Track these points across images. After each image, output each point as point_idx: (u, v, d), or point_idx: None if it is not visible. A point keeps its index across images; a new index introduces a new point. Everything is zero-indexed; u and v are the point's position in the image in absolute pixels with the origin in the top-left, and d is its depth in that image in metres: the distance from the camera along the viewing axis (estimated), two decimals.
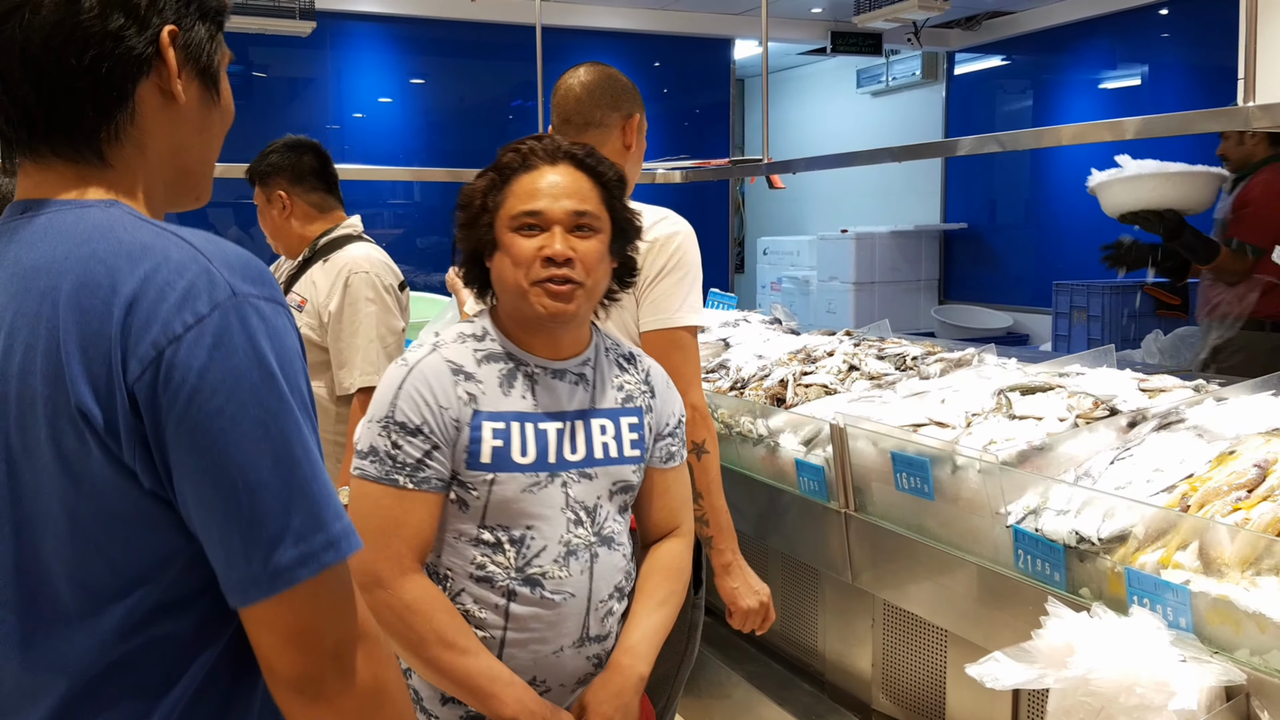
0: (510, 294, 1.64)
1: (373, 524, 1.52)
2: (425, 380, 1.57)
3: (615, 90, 2.30)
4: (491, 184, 1.65)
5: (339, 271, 2.72)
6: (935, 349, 3.49)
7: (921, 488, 2.50)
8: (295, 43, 6.15)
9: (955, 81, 7.76)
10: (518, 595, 1.59)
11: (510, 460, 1.58)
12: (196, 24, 1.03)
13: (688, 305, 2.15)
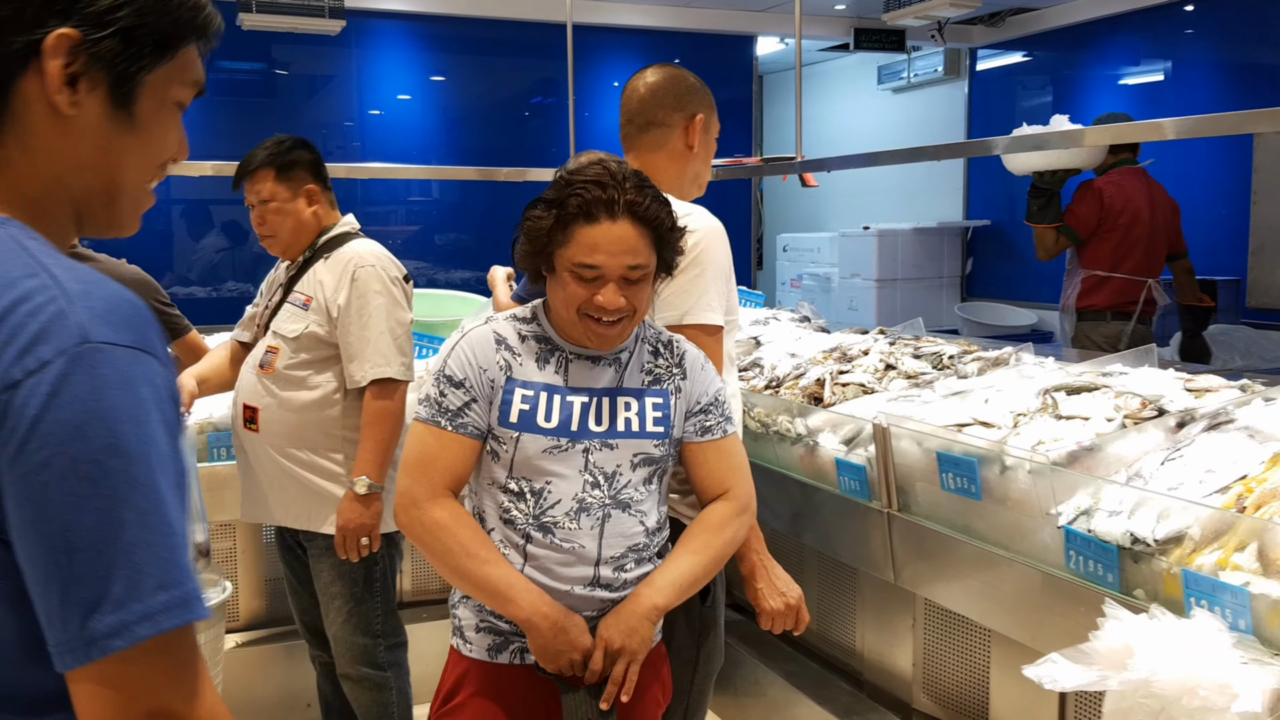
0: (562, 315, 1.85)
1: (414, 455, 1.83)
2: (472, 344, 1.85)
3: (679, 91, 2.32)
4: (555, 223, 1.79)
5: (344, 266, 2.70)
6: (971, 348, 3.48)
7: (968, 488, 2.49)
8: (318, 40, 6.16)
9: (978, 78, 7.74)
10: (533, 539, 1.82)
11: (534, 423, 1.82)
12: (113, 37, 0.94)
13: (703, 304, 2.14)
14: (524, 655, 1.84)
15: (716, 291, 2.15)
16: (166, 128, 1.03)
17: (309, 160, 2.78)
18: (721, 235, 2.22)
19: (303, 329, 2.69)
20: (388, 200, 7.40)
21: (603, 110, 7.50)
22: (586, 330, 1.81)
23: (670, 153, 2.34)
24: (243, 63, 6.72)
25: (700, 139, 2.33)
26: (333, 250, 2.76)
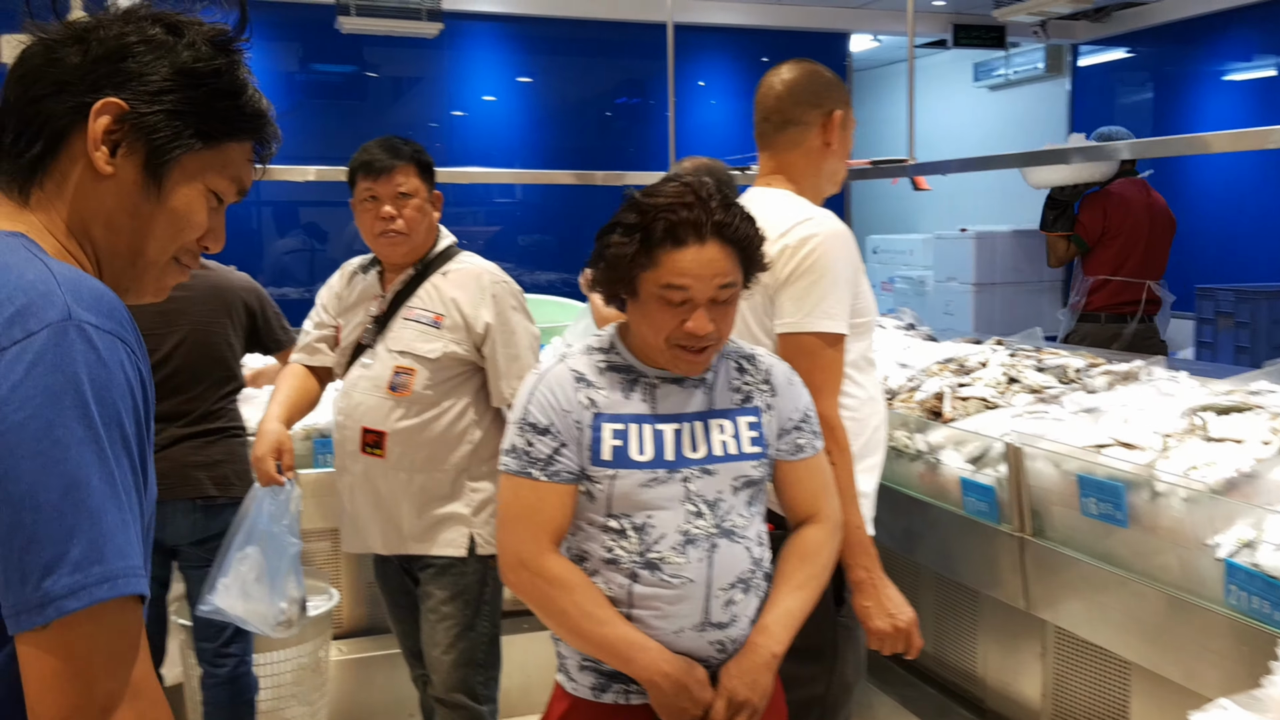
0: (648, 341, 1.77)
1: (512, 511, 1.77)
2: (551, 386, 1.78)
3: (816, 87, 2.25)
4: (639, 249, 1.72)
5: (477, 282, 2.59)
6: (1098, 360, 3.32)
7: (1114, 514, 2.36)
8: (411, 43, 6.16)
9: (1080, 74, 7.48)
10: (640, 577, 1.74)
11: (629, 458, 1.75)
12: (158, 114, 1.05)
13: (820, 311, 2.06)
14: (629, 696, 1.79)
15: (836, 298, 2.06)
16: (195, 209, 1.10)
17: (434, 168, 2.69)
18: (843, 238, 2.13)
19: (442, 349, 2.56)
20: (470, 201, 7.40)
21: (690, 110, 7.41)
22: (675, 358, 1.75)
23: (807, 151, 2.26)
24: (335, 65, 6.76)
25: (838, 136, 2.26)
26: (446, 264, 2.63)
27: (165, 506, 2.74)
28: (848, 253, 2.12)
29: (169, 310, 2.81)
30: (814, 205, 2.20)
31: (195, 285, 2.87)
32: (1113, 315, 4.88)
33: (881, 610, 2.09)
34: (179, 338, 2.81)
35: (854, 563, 2.09)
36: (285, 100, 6.69)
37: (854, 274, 2.13)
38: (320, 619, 3.17)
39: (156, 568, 2.83)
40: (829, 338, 2.06)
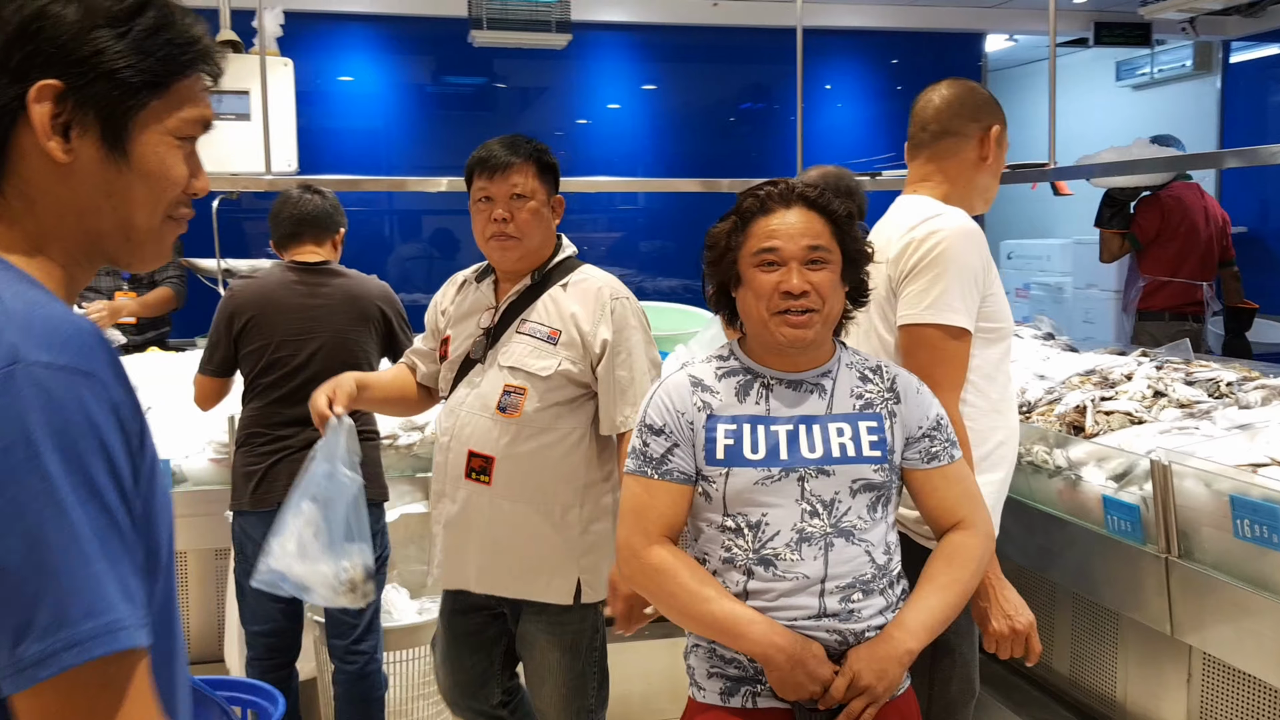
0: (754, 323, 1.83)
1: (628, 507, 1.84)
2: (668, 390, 1.86)
3: (977, 102, 2.30)
4: (734, 227, 1.84)
5: (596, 297, 2.39)
6: (1253, 373, 3.15)
7: (1269, 538, 2.23)
8: (539, 54, 6.25)
9: (1231, 72, 7.12)
10: (755, 573, 1.77)
11: (741, 456, 1.79)
12: (98, 81, 0.95)
13: (941, 303, 2.06)
14: (755, 699, 1.80)
15: (960, 293, 2.06)
16: (170, 163, 1.01)
17: (558, 169, 2.49)
18: (970, 236, 2.12)
19: (555, 366, 2.34)
20: (593, 208, 7.46)
21: (818, 114, 7.33)
22: (779, 328, 1.77)
23: (962, 162, 2.28)
24: (466, 77, 6.91)
25: (994, 152, 2.28)
26: (566, 276, 2.44)
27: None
28: (975, 250, 2.10)
29: (308, 318, 2.92)
30: (946, 206, 2.20)
31: (334, 293, 2.96)
32: (1176, 314, 5.09)
33: (999, 611, 2.05)
34: (317, 344, 2.90)
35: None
36: (418, 112, 6.87)
37: (982, 274, 2.11)
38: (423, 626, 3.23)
39: None
40: (951, 330, 2.05)
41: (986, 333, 2.13)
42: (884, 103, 7.39)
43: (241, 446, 2.94)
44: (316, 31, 6.30)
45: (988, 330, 2.13)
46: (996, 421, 2.16)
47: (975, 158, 2.27)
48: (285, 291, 2.95)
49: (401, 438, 3.38)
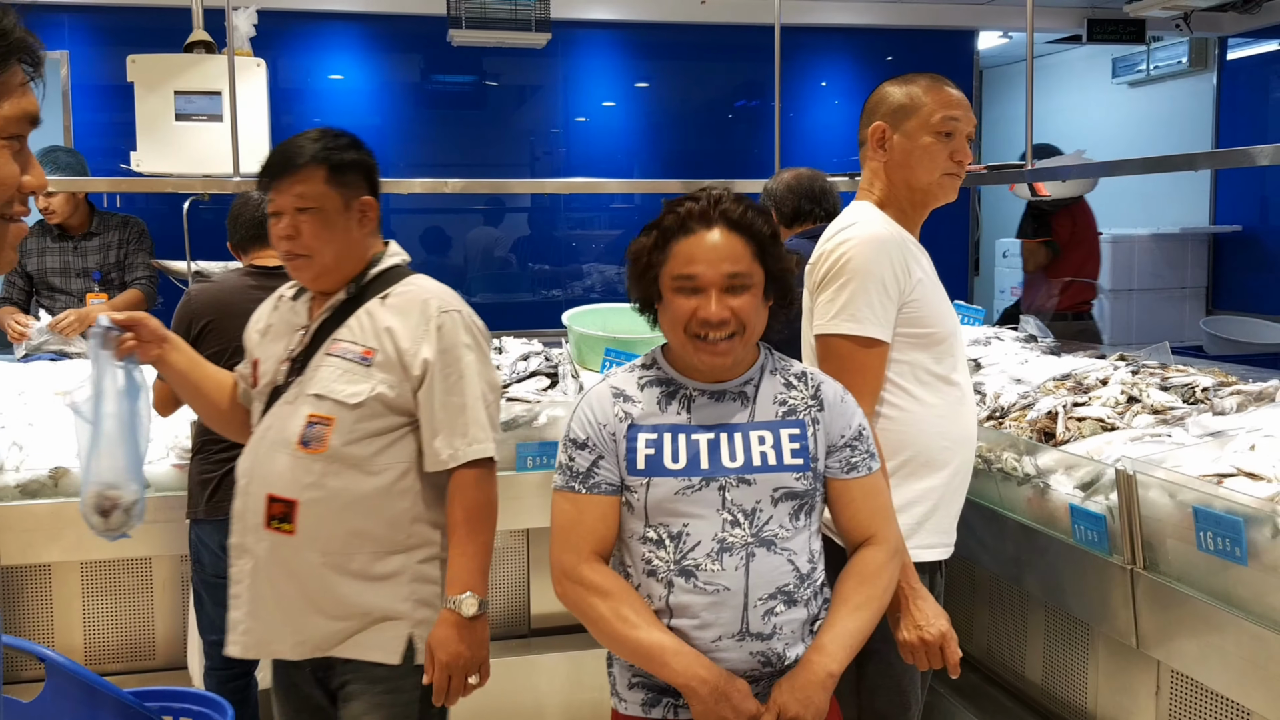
0: (673, 343, 1.82)
1: (558, 525, 1.82)
2: (590, 403, 1.84)
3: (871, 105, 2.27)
4: (655, 243, 1.80)
5: (421, 310, 2.06)
6: (1229, 379, 3.10)
7: (1231, 550, 2.18)
8: (526, 52, 6.20)
9: (1228, 69, 7.05)
10: (675, 585, 1.76)
11: (662, 466, 1.77)
12: None
13: (846, 313, 2.07)
14: (677, 710, 1.80)
15: (867, 301, 2.05)
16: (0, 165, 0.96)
17: (367, 165, 2.14)
18: (877, 243, 2.10)
19: (369, 391, 2.01)
20: (590, 207, 7.42)
21: (810, 113, 7.28)
22: (696, 352, 1.76)
23: (872, 166, 2.27)
24: (455, 75, 6.87)
25: (894, 148, 2.21)
26: (389, 287, 2.11)
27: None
28: (885, 258, 2.08)
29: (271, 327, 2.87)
30: (870, 213, 2.18)
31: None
32: (1076, 313, 5.49)
33: (910, 621, 2.01)
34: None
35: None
36: (406, 112, 6.83)
37: (895, 281, 2.09)
38: None
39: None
40: (858, 340, 2.05)
41: (915, 337, 2.11)
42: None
43: (198, 454, 2.91)
44: (297, 31, 6.27)
45: (915, 335, 2.11)
46: (929, 427, 2.13)
47: (876, 160, 2.24)
48: (243, 296, 2.89)
49: None
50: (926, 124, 2.17)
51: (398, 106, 6.75)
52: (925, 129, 2.18)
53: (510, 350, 4.13)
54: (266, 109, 4.05)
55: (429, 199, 6.75)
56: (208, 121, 3.96)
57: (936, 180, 2.20)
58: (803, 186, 3.37)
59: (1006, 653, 3.23)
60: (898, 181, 2.21)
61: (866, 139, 2.26)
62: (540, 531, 3.58)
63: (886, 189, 2.23)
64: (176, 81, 3.95)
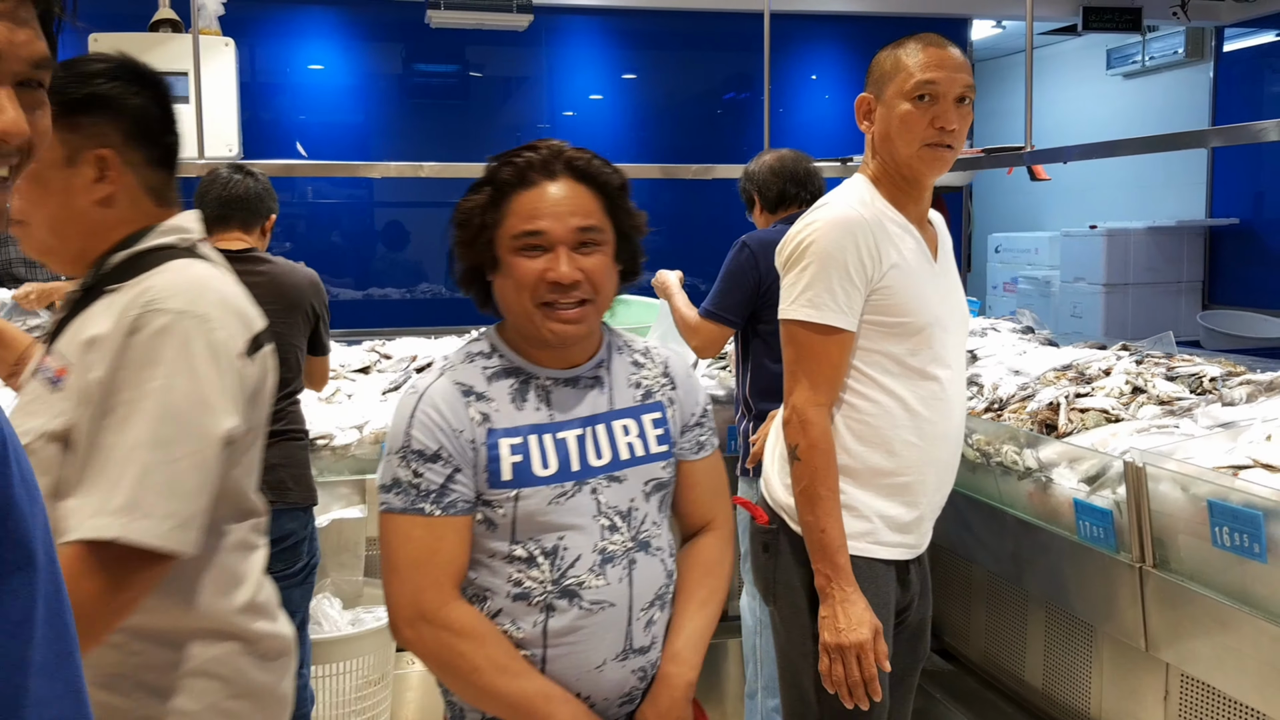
0: (516, 315, 1.57)
1: (406, 557, 1.50)
2: (435, 405, 1.53)
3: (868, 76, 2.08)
4: (489, 200, 1.56)
5: (124, 307, 1.37)
6: (1238, 368, 2.97)
7: (1249, 547, 2.04)
8: (510, 40, 6.05)
9: (1224, 60, 6.93)
10: (555, 609, 1.54)
11: (532, 474, 1.54)
12: None
13: (804, 298, 1.92)
14: None
15: (827, 287, 1.91)
16: None
17: (123, 104, 1.45)
18: (843, 225, 1.93)
19: (37, 430, 1.35)
20: None
21: (801, 103, 7.15)
22: (545, 323, 1.53)
23: (867, 143, 2.10)
24: (437, 65, 6.71)
25: (878, 119, 2.01)
26: (133, 276, 1.42)
27: None
28: (850, 241, 1.92)
29: None
30: (851, 193, 2.01)
31: (257, 283, 2.76)
32: None
33: (832, 624, 1.90)
34: None
35: (815, 567, 1.93)
36: (389, 100, 6.67)
37: (862, 266, 1.92)
38: (384, 629, 3.05)
39: None
40: (816, 327, 1.92)
41: (885, 327, 1.95)
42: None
43: None
44: (275, 18, 6.11)
45: (885, 324, 1.95)
46: (906, 421, 1.97)
47: (867, 135, 2.06)
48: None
49: (337, 437, 3.19)
50: (902, 89, 1.95)
51: (378, 97, 6.58)
52: (901, 94, 1.96)
53: None
54: (235, 90, 3.89)
55: (410, 193, 6.60)
56: (175, 103, 3.79)
57: (916, 152, 1.96)
58: (786, 169, 3.19)
59: (1005, 655, 3.09)
60: (883, 155, 2.04)
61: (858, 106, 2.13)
62: None
63: (877, 166, 2.07)
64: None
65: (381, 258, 6.64)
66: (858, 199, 1.99)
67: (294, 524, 2.73)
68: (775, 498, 2.06)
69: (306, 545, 2.77)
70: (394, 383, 3.55)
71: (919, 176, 2.01)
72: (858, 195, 2.00)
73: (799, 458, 1.92)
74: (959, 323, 2.10)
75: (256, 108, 6.10)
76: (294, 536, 2.73)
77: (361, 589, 3.22)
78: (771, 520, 2.05)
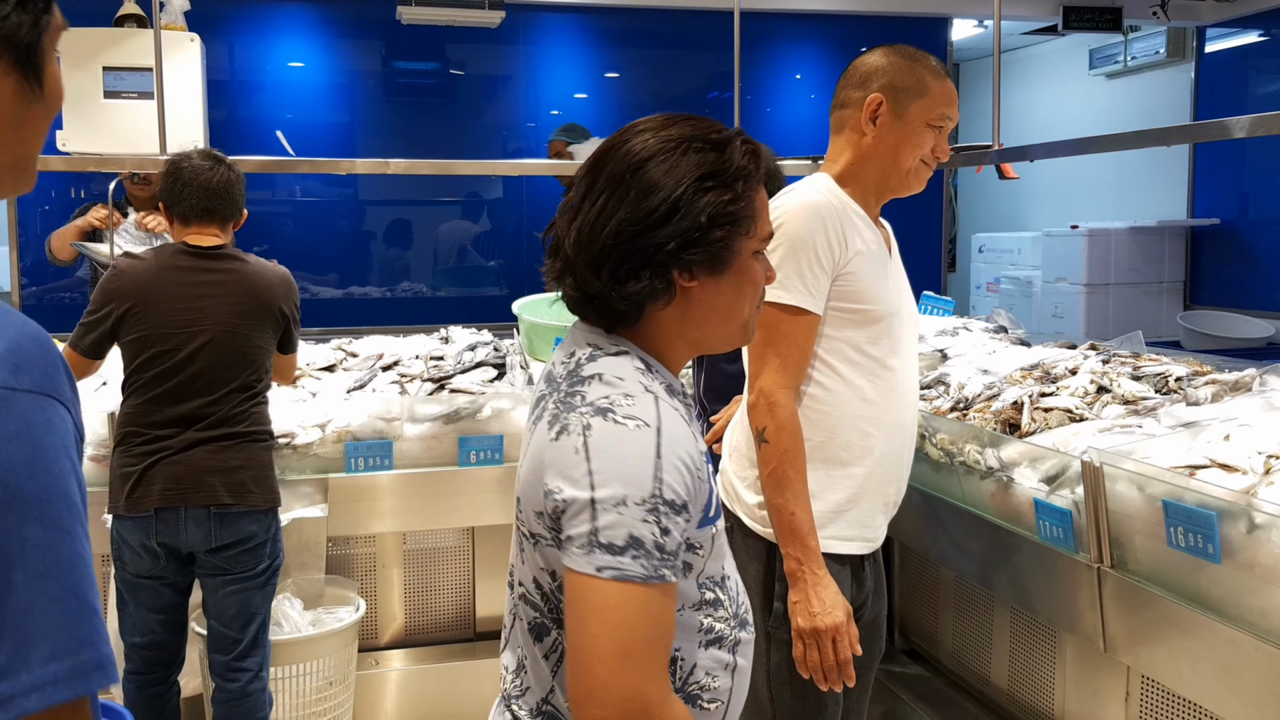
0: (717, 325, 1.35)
1: (640, 638, 1.16)
2: (682, 443, 1.21)
3: (871, 68, 2.05)
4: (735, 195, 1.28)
5: None
6: (1204, 368, 2.95)
7: (1204, 547, 2.02)
8: (490, 38, 6.01)
9: (1206, 60, 6.92)
10: (740, 645, 1.33)
11: (715, 503, 1.30)
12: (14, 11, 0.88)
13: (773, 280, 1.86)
14: None
15: (796, 269, 1.91)
16: (59, 78, 0.95)
17: None
18: (811, 209, 1.94)
19: None
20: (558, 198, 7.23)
21: (783, 104, 7.12)
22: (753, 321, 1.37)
23: (848, 136, 2.07)
24: (417, 63, 6.67)
25: (886, 123, 2.01)
26: None
27: (179, 513, 2.62)
28: (819, 226, 1.93)
29: (194, 308, 2.67)
30: (815, 183, 2.02)
31: (226, 282, 2.72)
32: None
33: (805, 608, 1.87)
34: (203, 339, 2.66)
35: (786, 551, 1.90)
36: (370, 100, 6.63)
37: (828, 251, 1.94)
38: (346, 630, 3.02)
39: (175, 574, 2.71)
40: (785, 308, 1.91)
41: (848, 313, 1.96)
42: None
43: (119, 446, 2.72)
44: (252, 12, 6.07)
45: (849, 311, 1.96)
46: (862, 411, 1.97)
47: (858, 133, 2.04)
48: (172, 277, 2.68)
49: (299, 436, 3.16)
50: (928, 113, 2.01)
51: (358, 96, 6.54)
52: (925, 117, 2.01)
53: (457, 340, 3.96)
54: (201, 87, 3.85)
55: (395, 191, 6.56)
56: (139, 99, 3.75)
57: (913, 168, 2.04)
58: None
59: (972, 657, 3.07)
60: (873, 160, 2.04)
61: (851, 104, 2.06)
62: (486, 530, 3.41)
63: (855, 165, 2.06)
64: (105, 57, 3.74)
65: (365, 255, 6.60)
66: (823, 189, 2.01)
67: (255, 526, 2.69)
68: (732, 492, 2.04)
69: (269, 548, 2.74)
70: (359, 381, 3.51)
71: (901, 190, 2.07)
72: (823, 187, 2.02)
73: (767, 439, 1.90)
74: (911, 319, 2.11)
75: (235, 105, 6.07)
76: (254, 539, 2.70)
77: (323, 589, 3.18)
78: (725, 516, 2.02)
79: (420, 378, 3.54)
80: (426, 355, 3.74)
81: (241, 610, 2.72)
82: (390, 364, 3.67)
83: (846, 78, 2.08)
